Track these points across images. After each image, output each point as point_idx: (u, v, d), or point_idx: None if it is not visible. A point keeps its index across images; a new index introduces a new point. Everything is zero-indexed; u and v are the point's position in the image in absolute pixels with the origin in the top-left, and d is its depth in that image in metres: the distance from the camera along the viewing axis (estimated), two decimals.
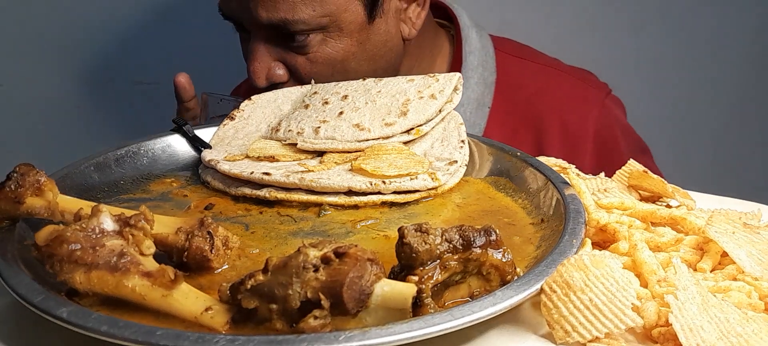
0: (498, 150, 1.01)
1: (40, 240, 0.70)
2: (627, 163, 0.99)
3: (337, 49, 1.31)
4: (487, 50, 1.46)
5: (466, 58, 1.43)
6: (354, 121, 1.01)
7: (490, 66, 1.45)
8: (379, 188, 0.92)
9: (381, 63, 1.36)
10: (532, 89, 1.45)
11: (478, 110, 1.42)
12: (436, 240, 0.69)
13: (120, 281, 0.68)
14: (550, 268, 0.71)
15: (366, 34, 1.32)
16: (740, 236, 0.79)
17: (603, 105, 1.47)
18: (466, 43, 1.44)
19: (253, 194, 0.94)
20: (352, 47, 1.32)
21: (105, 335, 0.63)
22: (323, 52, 1.31)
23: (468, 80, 1.41)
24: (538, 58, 1.53)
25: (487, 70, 1.44)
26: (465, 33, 1.45)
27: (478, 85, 1.43)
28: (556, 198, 0.87)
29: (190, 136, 1.07)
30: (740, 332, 0.66)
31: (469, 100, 1.41)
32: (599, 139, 1.43)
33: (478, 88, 1.43)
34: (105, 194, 0.96)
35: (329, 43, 1.31)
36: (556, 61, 1.53)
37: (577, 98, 1.46)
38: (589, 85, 1.50)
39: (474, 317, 0.65)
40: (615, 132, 1.46)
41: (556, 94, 1.45)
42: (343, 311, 0.64)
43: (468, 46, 1.44)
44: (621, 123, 1.50)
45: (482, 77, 1.43)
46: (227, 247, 0.78)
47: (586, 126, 1.43)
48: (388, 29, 1.34)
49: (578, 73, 1.52)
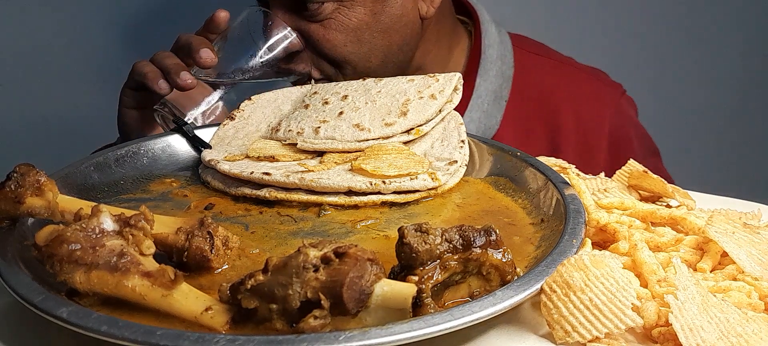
0: (498, 150, 1.01)
1: (40, 240, 0.70)
2: (627, 163, 0.99)
3: (350, 18, 1.33)
4: (505, 45, 1.48)
5: (485, 51, 1.45)
6: (354, 121, 1.01)
7: (508, 60, 1.47)
8: (379, 188, 0.92)
9: (396, 38, 1.37)
10: (548, 86, 1.47)
11: (496, 103, 1.43)
12: (436, 240, 0.69)
13: (120, 281, 0.68)
14: (550, 268, 0.71)
15: (381, 5, 1.34)
16: (740, 236, 0.79)
17: (618, 104, 1.49)
18: (485, 37, 1.46)
19: (253, 194, 0.94)
20: (365, 17, 1.33)
21: (105, 335, 0.63)
22: (337, 20, 1.33)
23: (487, 73, 1.43)
24: (554, 55, 1.55)
25: (506, 64, 1.46)
26: (485, 27, 1.47)
27: (496, 77, 1.44)
28: (556, 198, 0.87)
29: (190, 136, 1.07)
30: (740, 332, 0.66)
31: (487, 92, 1.43)
32: (613, 137, 1.45)
33: (497, 81, 1.44)
34: (105, 194, 0.96)
35: (343, 12, 1.33)
36: (571, 59, 1.54)
37: (592, 96, 1.48)
38: (604, 84, 1.52)
39: (474, 317, 0.65)
40: (629, 132, 1.48)
41: (572, 92, 1.47)
42: (343, 311, 0.64)
43: (487, 40, 1.46)
44: (634, 123, 1.52)
45: (500, 70, 1.45)
46: (227, 247, 0.78)
47: (601, 124, 1.45)
48: (405, 3, 1.36)
49: (593, 71, 1.54)
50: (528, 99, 1.45)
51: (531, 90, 1.46)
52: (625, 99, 1.51)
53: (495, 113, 1.43)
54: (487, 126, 1.42)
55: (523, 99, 1.45)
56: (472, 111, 1.41)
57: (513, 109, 1.45)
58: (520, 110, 1.45)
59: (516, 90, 1.45)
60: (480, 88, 1.42)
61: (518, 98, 1.45)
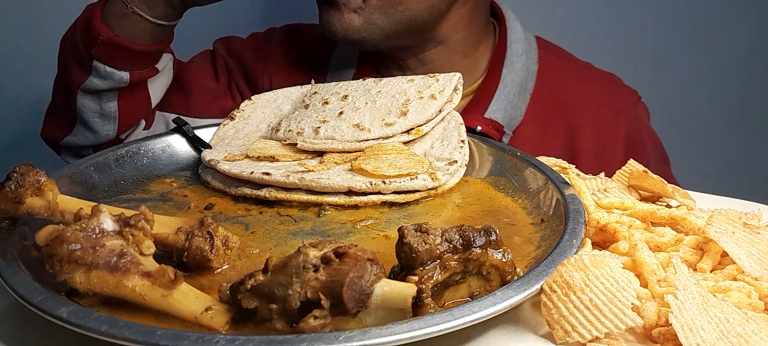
0: (498, 150, 1.01)
1: (40, 240, 0.70)
2: (627, 163, 0.99)
3: None
4: (530, 42, 1.50)
5: (511, 45, 1.46)
6: (354, 121, 1.01)
7: (533, 56, 1.49)
8: (379, 188, 0.92)
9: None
10: (568, 88, 1.49)
11: (521, 95, 1.45)
12: (436, 240, 0.69)
13: (120, 281, 0.68)
14: (550, 268, 0.71)
15: None
16: (740, 236, 0.79)
17: (634, 109, 1.51)
18: (511, 33, 1.48)
19: (253, 194, 0.94)
20: None
21: (105, 335, 0.63)
22: None
23: (513, 64, 1.45)
24: (573, 59, 1.57)
25: (531, 59, 1.48)
26: (510, 24, 1.49)
27: (521, 70, 1.46)
28: (556, 198, 0.87)
29: (190, 136, 1.07)
30: (740, 332, 0.66)
31: (513, 82, 1.44)
32: (629, 142, 1.46)
33: (522, 73, 1.46)
34: (105, 194, 0.96)
35: None
36: (589, 65, 1.57)
37: (610, 100, 1.50)
38: (621, 89, 1.54)
39: (474, 317, 0.65)
40: (643, 137, 1.50)
41: (590, 95, 1.49)
42: (343, 311, 0.64)
43: (513, 36, 1.48)
44: (649, 130, 1.54)
45: (526, 65, 1.47)
46: (227, 247, 0.78)
47: (617, 128, 1.47)
48: None
49: (610, 77, 1.56)
50: (549, 98, 1.47)
51: (552, 90, 1.48)
52: (641, 105, 1.53)
53: (520, 105, 1.45)
54: (512, 116, 1.43)
55: (544, 97, 1.47)
56: (499, 99, 1.42)
57: (535, 106, 1.46)
58: (540, 108, 1.46)
59: (539, 87, 1.47)
60: (506, 79, 1.44)
61: (540, 96, 1.47)
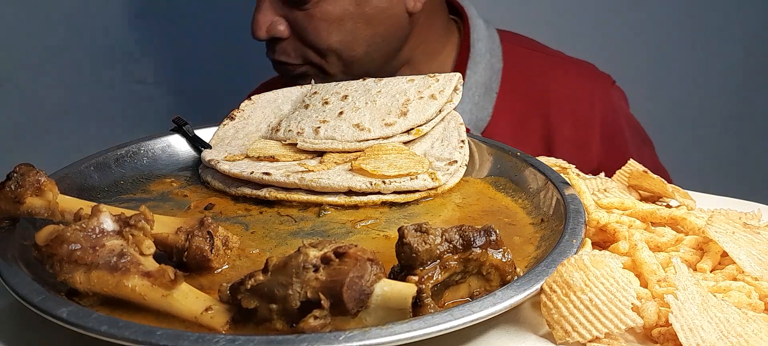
0: (498, 150, 1.01)
1: (40, 240, 0.70)
2: (627, 163, 0.99)
3: (335, 6, 1.37)
4: (494, 39, 1.52)
5: (474, 45, 1.48)
6: (354, 121, 1.01)
7: (497, 54, 1.51)
8: (379, 188, 0.92)
9: (380, 30, 1.40)
10: (539, 77, 1.51)
11: (486, 95, 1.46)
12: (436, 240, 0.69)
13: (120, 281, 0.68)
14: (550, 268, 0.71)
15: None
16: (740, 236, 0.79)
17: (608, 94, 1.52)
18: (474, 31, 1.49)
19: (253, 194, 0.94)
20: (349, 7, 1.37)
21: (105, 335, 0.63)
22: (321, 9, 1.37)
23: (476, 65, 1.47)
24: (542, 49, 1.58)
25: (495, 57, 1.50)
26: (473, 22, 1.51)
27: (485, 70, 1.48)
28: (556, 198, 0.87)
29: (190, 136, 1.07)
30: (740, 332, 0.66)
31: (477, 84, 1.46)
32: (605, 126, 1.48)
33: (486, 73, 1.48)
34: (105, 194, 0.96)
35: (328, 0, 1.36)
36: (559, 53, 1.57)
37: (583, 87, 1.52)
38: (593, 76, 1.56)
39: (474, 317, 0.65)
40: (620, 121, 1.51)
41: (563, 82, 1.51)
42: (343, 311, 0.64)
43: (476, 34, 1.50)
44: (625, 114, 1.55)
45: (489, 63, 1.48)
46: (227, 247, 0.78)
47: (593, 114, 1.49)
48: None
49: (582, 64, 1.58)
50: (519, 91, 1.49)
51: (521, 83, 1.50)
52: (615, 89, 1.54)
53: (486, 105, 1.46)
54: (478, 118, 1.45)
55: (514, 92, 1.49)
56: (463, 103, 1.43)
57: (504, 102, 1.48)
58: (511, 102, 1.48)
59: (506, 83, 1.49)
60: (470, 81, 1.46)
61: (509, 91, 1.49)
